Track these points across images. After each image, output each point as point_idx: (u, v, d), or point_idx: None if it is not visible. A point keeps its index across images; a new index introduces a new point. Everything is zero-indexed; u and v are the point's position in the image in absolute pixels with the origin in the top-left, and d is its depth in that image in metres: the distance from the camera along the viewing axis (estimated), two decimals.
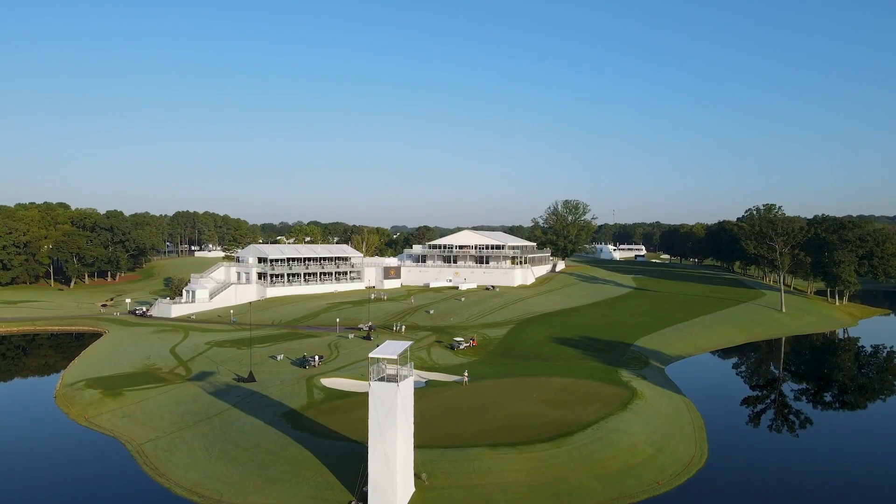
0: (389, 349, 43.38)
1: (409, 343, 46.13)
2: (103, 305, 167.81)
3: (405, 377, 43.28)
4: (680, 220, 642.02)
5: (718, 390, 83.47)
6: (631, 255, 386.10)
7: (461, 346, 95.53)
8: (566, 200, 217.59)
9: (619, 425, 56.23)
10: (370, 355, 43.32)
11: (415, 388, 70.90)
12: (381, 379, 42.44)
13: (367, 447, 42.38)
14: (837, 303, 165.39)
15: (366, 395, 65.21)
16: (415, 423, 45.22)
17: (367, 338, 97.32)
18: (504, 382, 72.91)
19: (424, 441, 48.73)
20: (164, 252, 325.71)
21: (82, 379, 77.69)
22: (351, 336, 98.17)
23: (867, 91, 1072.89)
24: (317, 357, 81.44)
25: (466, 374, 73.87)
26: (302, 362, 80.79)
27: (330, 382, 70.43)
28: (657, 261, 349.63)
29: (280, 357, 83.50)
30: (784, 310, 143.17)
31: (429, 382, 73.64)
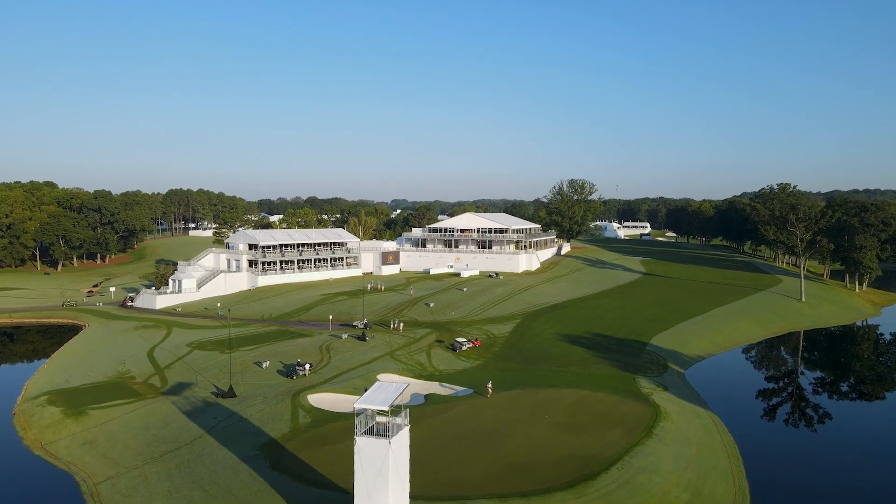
0: (380, 396, 35.71)
1: (404, 385, 38.46)
2: (89, 293, 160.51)
3: (399, 428, 35.71)
4: (684, 194, 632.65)
5: (746, 401, 76.30)
6: (636, 233, 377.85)
7: (463, 348, 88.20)
8: (572, 180, 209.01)
9: (647, 461, 48.93)
10: (355, 405, 35.69)
11: (413, 406, 63.79)
12: (369, 432, 34.87)
13: None
14: (857, 289, 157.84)
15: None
16: (410, 458, 37.83)
17: (362, 338, 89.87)
18: (512, 396, 65.64)
19: (421, 489, 41.38)
20: (158, 230, 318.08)
21: (46, 391, 70.55)
22: (345, 336, 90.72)
23: (875, 63, 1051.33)
24: (307, 366, 73.95)
25: (491, 385, 66.41)
26: (289, 371, 73.44)
27: (318, 399, 63.09)
28: (663, 239, 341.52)
29: (266, 364, 76.15)
30: (804, 299, 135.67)
31: (429, 397, 66.38)
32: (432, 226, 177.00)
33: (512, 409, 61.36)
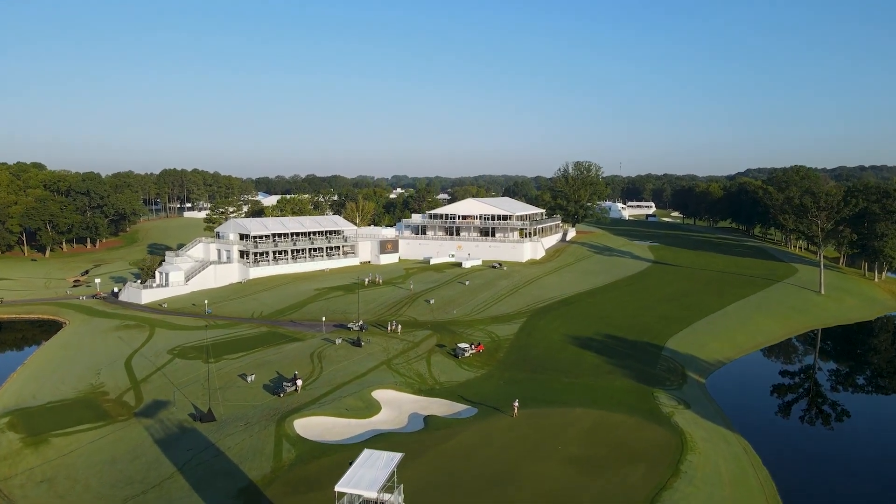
0: (368, 475, 29.13)
1: (398, 457, 31.80)
2: (75, 282, 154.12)
3: None
4: (688, 170, 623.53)
5: (775, 419, 70.19)
6: (641, 213, 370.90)
7: (466, 354, 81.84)
8: (577, 162, 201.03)
9: None
10: (337, 488, 29.05)
11: (410, 433, 57.52)
12: None
13: None
14: (876, 278, 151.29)
15: (350, 449, 51.95)
16: None
17: (357, 343, 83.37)
18: (521, 419, 59.32)
19: None
20: (152, 211, 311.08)
21: (10, 411, 64.33)
22: (338, 341, 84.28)
23: (881, 35, 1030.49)
24: (299, 382, 67.40)
25: (517, 404, 60.31)
26: (276, 387, 67.07)
27: (305, 426, 56.78)
28: (669, 220, 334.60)
29: (251, 378, 69.74)
30: (823, 291, 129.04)
31: (429, 420, 60.03)
32: (433, 212, 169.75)
33: (521, 437, 55.10)
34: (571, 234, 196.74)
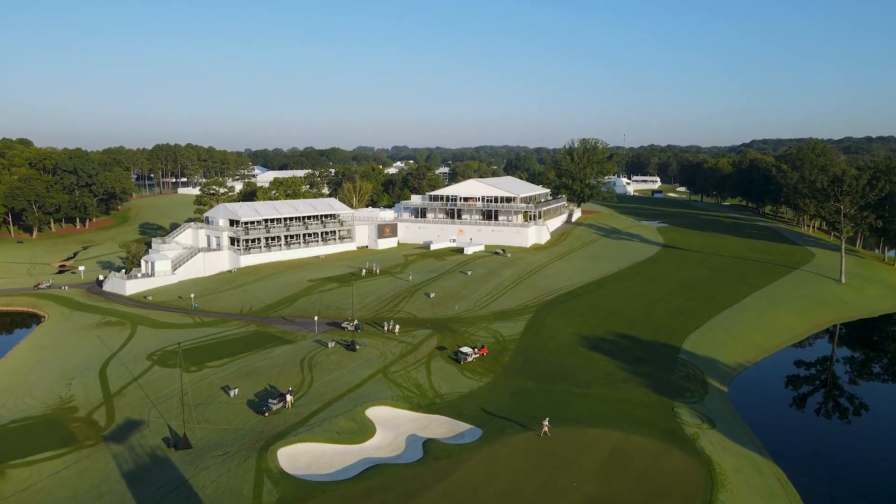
0: None
1: None
2: (60, 268, 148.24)
3: None
4: (692, 141, 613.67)
5: (808, 439, 64.51)
6: (646, 188, 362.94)
7: (469, 359, 75.93)
8: (583, 139, 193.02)
9: None
10: None
11: (407, 464, 51.63)
12: None
13: None
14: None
15: (339, 487, 46.34)
16: None
17: (352, 347, 77.26)
18: (530, 444, 53.62)
19: None
20: (146, 187, 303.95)
21: None
22: (331, 344, 78.23)
23: (887, 2, 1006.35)
24: (288, 398, 61.38)
25: (546, 422, 54.93)
26: (262, 404, 61.14)
27: (290, 457, 50.86)
28: (675, 195, 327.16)
29: (234, 392, 63.81)
30: (843, 279, 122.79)
31: (428, 446, 54.10)
32: (433, 193, 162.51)
33: (532, 469, 49.23)
34: (577, 214, 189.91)
